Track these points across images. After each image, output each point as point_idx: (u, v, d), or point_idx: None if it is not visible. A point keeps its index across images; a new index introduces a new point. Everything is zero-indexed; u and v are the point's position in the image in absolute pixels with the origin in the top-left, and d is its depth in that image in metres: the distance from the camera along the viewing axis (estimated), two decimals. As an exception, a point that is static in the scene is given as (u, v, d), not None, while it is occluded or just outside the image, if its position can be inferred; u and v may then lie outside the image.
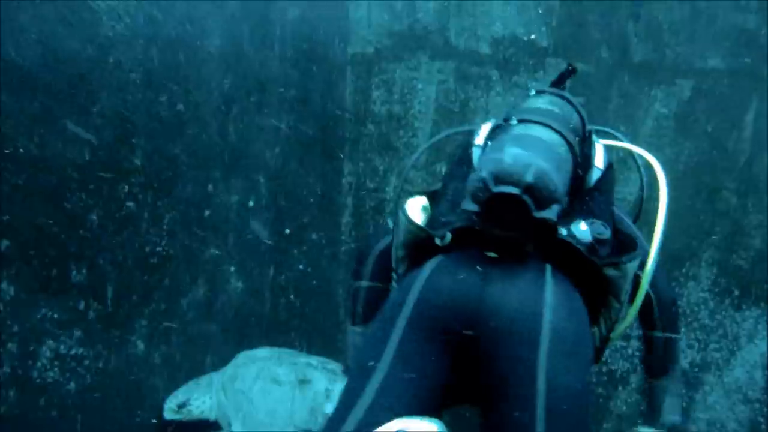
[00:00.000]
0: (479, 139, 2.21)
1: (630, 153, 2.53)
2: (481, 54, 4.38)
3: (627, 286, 2.04)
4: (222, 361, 3.91)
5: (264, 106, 4.09)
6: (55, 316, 3.30)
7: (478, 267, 1.92)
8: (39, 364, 3.26)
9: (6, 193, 3.09)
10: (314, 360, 3.90)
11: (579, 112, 2.26)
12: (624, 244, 2.13)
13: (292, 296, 4.18)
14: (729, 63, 4.32)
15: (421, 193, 2.34)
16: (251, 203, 4.03)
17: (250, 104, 4.03)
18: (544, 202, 1.80)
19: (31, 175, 3.18)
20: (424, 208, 2.26)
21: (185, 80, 3.76)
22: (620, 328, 2.17)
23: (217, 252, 3.93)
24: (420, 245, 2.12)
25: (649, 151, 2.41)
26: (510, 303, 1.85)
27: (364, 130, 4.30)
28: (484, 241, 1.96)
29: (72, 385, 3.39)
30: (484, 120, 2.33)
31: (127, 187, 3.54)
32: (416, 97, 4.35)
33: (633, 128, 4.27)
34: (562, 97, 2.29)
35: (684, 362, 4.31)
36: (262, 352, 3.92)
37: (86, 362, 3.44)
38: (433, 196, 2.32)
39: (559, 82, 2.55)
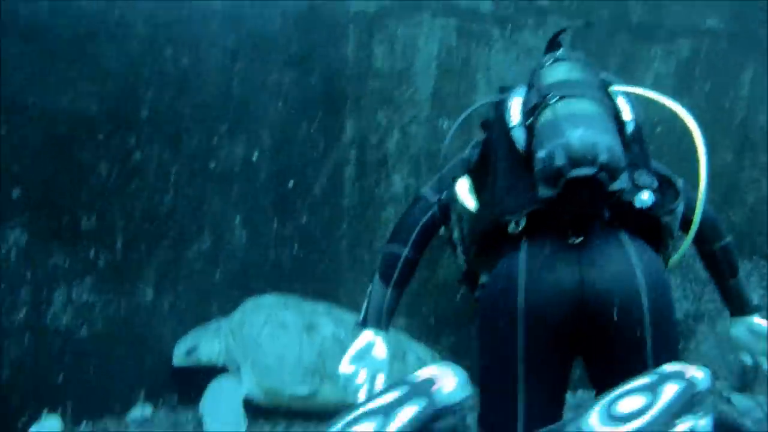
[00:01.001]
0: (514, 118, 2.17)
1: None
2: (482, 12, 4.42)
3: (678, 224, 2.20)
4: (228, 309, 4.01)
5: (267, 62, 4.13)
6: (67, 264, 3.40)
7: (568, 255, 2.04)
8: (52, 310, 3.37)
9: (16, 144, 3.18)
10: (320, 306, 4.01)
11: (594, 71, 2.31)
12: (664, 185, 2.22)
13: (295, 247, 4.27)
14: (727, 24, 4.37)
15: (461, 176, 2.37)
16: (255, 156, 4.10)
17: (253, 60, 4.07)
18: (615, 174, 1.90)
19: (41, 126, 3.26)
20: (471, 191, 2.32)
21: (189, 35, 3.81)
22: (676, 258, 2.33)
23: (221, 203, 4.01)
24: (489, 232, 2.19)
25: (655, 104, 2.45)
26: (610, 283, 1.99)
27: (366, 86, 4.33)
28: (554, 222, 2.06)
29: (84, 331, 3.50)
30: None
31: (134, 138, 3.61)
32: (418, 53, 4.39)
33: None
34: (577, 61, 2.32)
35: (679, 313, 4.43)
36: (269, 298, 4.02)
37: (97, 309, 3.55)
38: (475, 177, 2.35)
39: (554, 41, 2.54)
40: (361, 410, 1.59)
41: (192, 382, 3.83)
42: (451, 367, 1.71)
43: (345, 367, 2.35)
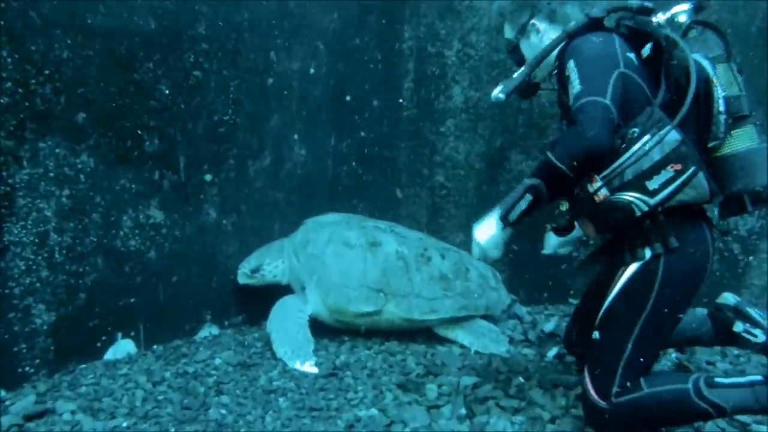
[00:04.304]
0: (720, 103, 2.54)
1: None
2: None
3: None
4: (289, 226, 3.99)
5: (320, -31, 3.97)
6: (133, 186, 3.37)
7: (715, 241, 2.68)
8: (121, 233, 3.35)
9: (79, 67, 3.09)
10: (382, 224, 3.99)
11: None
12: None
13: (353, 163, 4.20)
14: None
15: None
16: (312, 70, 3.98)
17: (306, -32, 3.91)
18: None
19: (101, 46, 3.15)
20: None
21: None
22: None
23: (280, 120, 3.92)
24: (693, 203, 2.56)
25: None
26: None
27: (424, -8, 4.16)
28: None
29: (152, 253, 3.50)
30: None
31: (192, 56, 3.50)
32: (477, -44, 4.18)
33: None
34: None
35: (743, 230, 4.38)
36: (331, 217, 4.00)
37: (164, 230, 3.53)
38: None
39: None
40: None
41: (257, 303, 3.87)
42: None
43: None
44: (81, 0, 3.05)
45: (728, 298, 3.05)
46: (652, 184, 2.45)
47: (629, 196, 2.48)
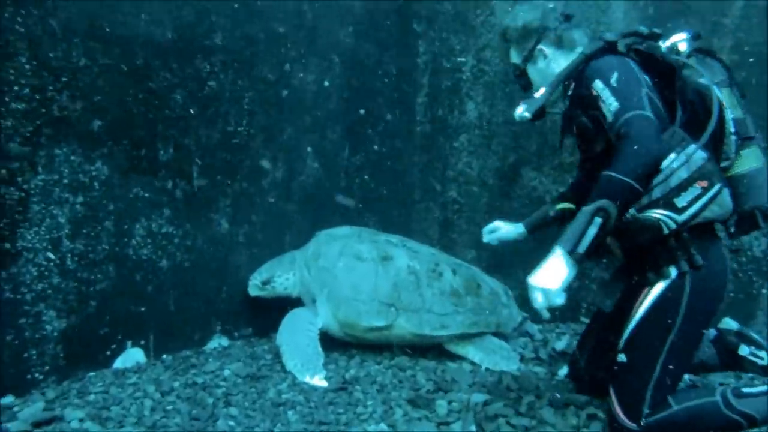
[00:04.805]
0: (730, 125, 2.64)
1: None
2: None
3: None
4: (300, 239, 3.98)
5: (336, -17, 3.98)
6: (146, 195, 3.37)
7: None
8: (134, 241, 3.35)
9: (96, 74, 3.10)
10: (394, 238, 3.97)
11: None
12: None
13: (366, 177, 4.19)
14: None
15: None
16: (326, 83, 3.99)
17: (322, -19, 3.92)
18: None
19: (118, 55, 3.17)
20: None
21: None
22: None
23: (294, 132, 3.93)
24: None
25: None
26: None
27: (440, 8, 4.15)
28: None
29: (164, 262, 3.49)
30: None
31: (208, 66, 3.51)
32: (493, -28, 4.19)
33: None
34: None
35: (757, 251, 4.35)
36: (343, 230, 3.99)
37: (176, 240, 3.53)
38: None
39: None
40: None
41: (267, 315, 3.85)
42: None
43: None
44: (99, 8, 3.07)
45: (729, 323, 3.19)
46: (681, 201, 2.48)
47: (657, 213, 2.50)
